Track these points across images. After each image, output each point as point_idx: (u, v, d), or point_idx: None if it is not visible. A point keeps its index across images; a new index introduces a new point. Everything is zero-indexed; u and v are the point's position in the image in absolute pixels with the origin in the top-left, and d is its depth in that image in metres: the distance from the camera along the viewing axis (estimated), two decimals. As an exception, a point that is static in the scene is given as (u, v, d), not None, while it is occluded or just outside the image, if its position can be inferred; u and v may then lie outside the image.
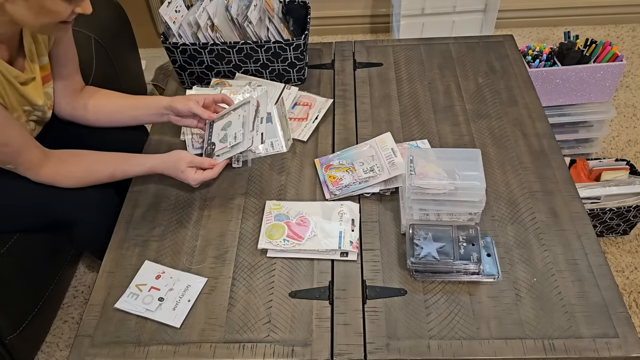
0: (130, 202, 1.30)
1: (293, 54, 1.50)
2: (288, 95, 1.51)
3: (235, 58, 1.52)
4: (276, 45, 1.48)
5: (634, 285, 1.69)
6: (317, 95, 1.53)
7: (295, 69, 1.55)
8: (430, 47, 1.70)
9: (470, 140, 1.39)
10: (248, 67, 1.55)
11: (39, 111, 1.29)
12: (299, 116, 1.46)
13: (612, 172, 1.77)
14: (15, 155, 1.18)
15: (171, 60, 1.54)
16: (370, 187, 1.25)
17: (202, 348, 1.03)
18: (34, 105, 1.26)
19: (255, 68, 1.55)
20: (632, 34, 2.68)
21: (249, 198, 1.29)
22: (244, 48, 1.49)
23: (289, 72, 1.56)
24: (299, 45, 1.48)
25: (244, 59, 1.52)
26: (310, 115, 1.46)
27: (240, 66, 1.55)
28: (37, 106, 1.27)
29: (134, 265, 1.17)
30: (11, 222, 1.34)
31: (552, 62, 1.89)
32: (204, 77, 1.58)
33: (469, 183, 1.10)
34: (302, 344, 1.02)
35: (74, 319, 1.70)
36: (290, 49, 1.49)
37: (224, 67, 1.55)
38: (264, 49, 1.49)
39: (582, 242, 1.16)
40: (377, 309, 1.07)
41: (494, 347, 1.00)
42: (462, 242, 1.09)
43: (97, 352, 1.03)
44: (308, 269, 1.14)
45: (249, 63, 1.54)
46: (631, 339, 1.00)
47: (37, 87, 1.26)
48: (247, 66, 1.54)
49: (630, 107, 2.30)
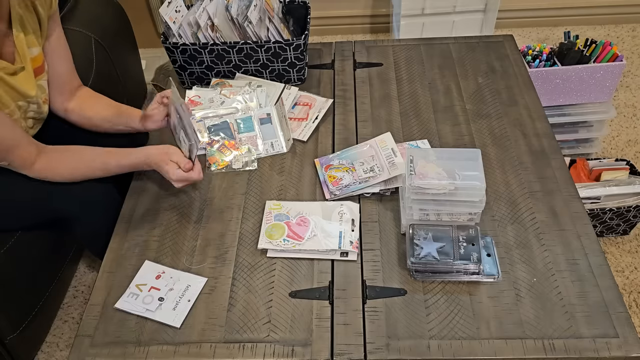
0: (130, 202, 1.30)
1: (293, 54, 1.50)
2: (288, 95, 1.51)
3: (235, 58, 1.52)
4: (276, 45, 1.48)
5: (634, 285, 1.69)
6: (317, 95, 1.53)
7: (295, 69, 1.55)
8: (430, 47, 1.70)
9: (470, 140, 1.39)
10: (248, 67, 1.55)
11: (33, 104, 1.27)
12: (298, 116, 1.46)
13: (612, 172, 1.77)
14: (7, 152, 1.17)
15: (171, 60, 1.55)
16: (371, 187, 1.25)
17: (202, 348, 1.03)
18: (26, 98, 1.24)
19: (255, 68, 1.55)
20: (632, 34, 2.68)
21: (249, 198, 1.29)
22: (244, 48, 1.49)
23: (289, 72, 1.56)
24: (299, 45, 1.48)
25: (244, 59, 1.53)
26: (310, 115, 1.46)
27: (240, 66, 1.55)
28: (29, 98, 1.25)
29: (134, 265, 1.17)
30: (13, 219, 1.34)
31: (552, 62, 1.89)
32: (204, 77, 1.58)
33: (469, 183, 1.10)
34: (302, 344, 1.02)
35: (74, 319, 1.70)
36: (290, 49, 1.49)
37: (224, 67, 1.55)
38: (264, 49, 1.49)
39: (582, 242, 1.16)
40: (377, 309, 1.07)
41: (494, 347, 1.00)
42: (462, 242, 1.09)
43: (97, 352, 1.03)
44: (308, 269, 1.14)
45: (249, 63, 1.54)
46: (631, 339, 1.00)
47: (28, 78, 1.24)
48: (247, 66, 1.55)
49: (630, 107, 2.30)
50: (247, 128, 1.42)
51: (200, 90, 1.50)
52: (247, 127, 1.42)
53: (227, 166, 1.36)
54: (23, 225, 1.38)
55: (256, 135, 1.41)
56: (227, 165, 1.36)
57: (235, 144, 1.39)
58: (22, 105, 1.25)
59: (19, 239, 1.38)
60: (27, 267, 1.42)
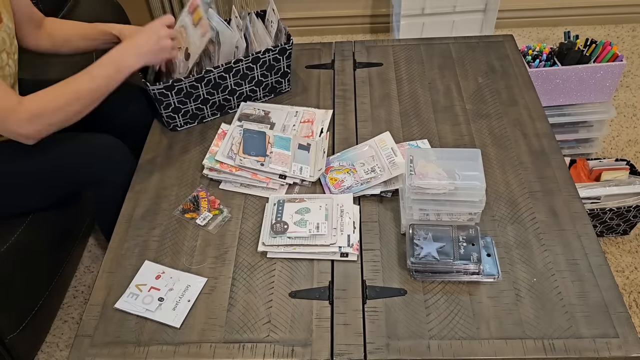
0: (130, 202, 1.30)
1: (286, 62, 1.49)
2: (295, 114, 1.47)
3: (231, 82, 1.45)
4: (270, 57, 1.45)
5: (634, 285, 1.69)
6: (315, 107, 1.50)
7: (287, 78, 1.53)
8: (430, 47, 1.70)
9: (470, 140, 1.39)
10: (243, 89, 1.48)
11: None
12: (302, 134, 1.41)
13: (612, 172, 1.77)
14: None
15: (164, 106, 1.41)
16: (372, 188, 1.25)
17: (202, 348, 1.03)
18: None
19: (250, 88, 1.49)
20: (632, 34, 2.68)
21: (249, 198, 1.29)
22: (240, 69, 1.43)
23: (280, 82, 1.53)
24: (284, 49, 1.46)
25: (240, 81, 1.46)
26: (314, 130, 1.42)
27: (236, 90, 1.47)
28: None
29: (134, 265, 1.17)
30: (39, 194, 1.35)
31: (552, 62, 1.89)
32: (199, 112, 1.47)
33: (469, 183, 1.10)
34: (302, 344, 1.02)
35: (74, 319, 1.70)
36: (283, 58, 1.47)
37: (220, 95, 1.46)
38: (259, 63, 1.44)
39: (582, 242, 1.16)
40: (377, 309, 1.07)
41: (494, 347, 1.00)
42: (462, 242, 1.09)
43: (97, 352, 1.03)
44: (308, 269, 1.14)
45: (244, 84, 1.47)
46: (631, 339, 1.00)
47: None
48: (242, 88, 1.48)
49: (630, 107, 2.30)
50: (283, 146, 1.35)
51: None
52: (283, 146, 1.35)
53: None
54: (47, 199, 1.39)
55: (289, 156, 1.32)
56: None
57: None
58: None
59: (19, 238, 1.38)
60: (27, 266, 1.42)
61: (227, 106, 1.50)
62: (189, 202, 1.28)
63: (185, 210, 1.26)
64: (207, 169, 1.32)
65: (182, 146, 1.42)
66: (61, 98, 1.17)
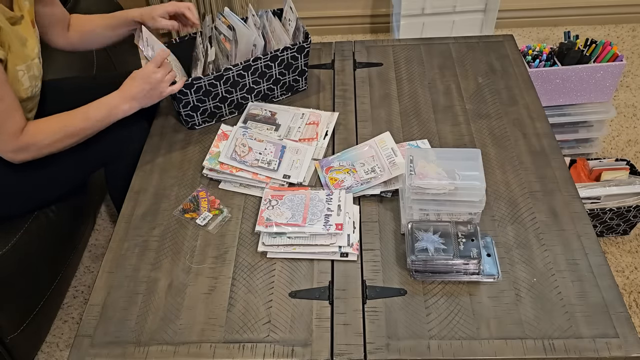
0: (130, 202, 1.30)
1: (303, 60, 1.49)
2: (301, 115, 1.47)
3: (249, 81, 1.45)
4: (288, 55, 1.45)
5: (634, 285, 1.69)
6: (315, 108, 1.50)
7: (304, 76, 1.53)
8: (430, 47, 1.70)
9: (470, 140, 1.39)
10: (261, 87, 1.48)
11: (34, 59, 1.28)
12: (306, 136, 1.41)
13: (612, 172, 1.77)
14: (5, 115, 1.17)
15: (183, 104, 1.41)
16: (372, 188, 1.25)
17: (202, 348, 1.03)
18: (30, 53, 1.25)
19: (268, 86, 1.49)
20: (632, 34, 2.68)
21: (249, 198, 1.29)
22: (259, 67, 1.43)
23: (298, 81, 1.54)
24: (302, 47, 1.46)
25: (258, 79, 1.46)
26: (319, 132, 1.42)
27: (254, 88, 1.48)
28: (32, 54, 1.25)
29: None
30: (70, 165, 1.41)
31: (552, 62, 1.89)
32: (217, 111, 1.48)
33: (469, 183, 1.10)
34: (302, 344, 1.02)
35: (74, 319, 1.70)
36: (301, 56, 1.47)
37: (238, 94, 1.47)
38: (277, 62, 1.45)
39: (582, 242, 1.16)
40: (377, 309, 1.07)
41: (494, 347, 1.00)
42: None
43: (97, 352, 1.03)
44: (308, 269, 1.14)
45: (262, 83, 1.48)
46: (631, 339, 1.00)
47: (28, 29, 1.25)
48: (260, 86, 1.48)
49: (630, 107, 2.30)
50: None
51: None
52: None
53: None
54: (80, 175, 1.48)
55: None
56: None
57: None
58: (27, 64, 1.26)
59: (20, 239, 1.38)
60: (29, 267, 1.42)
61: (245, 104, 1.50)
62: (189, 202, 1.28)
63: (185, 210, 1.26)
64: (207, 169, 1.32)
65: (182, 146, 1.42)
66: (55, 135, 1.26)
